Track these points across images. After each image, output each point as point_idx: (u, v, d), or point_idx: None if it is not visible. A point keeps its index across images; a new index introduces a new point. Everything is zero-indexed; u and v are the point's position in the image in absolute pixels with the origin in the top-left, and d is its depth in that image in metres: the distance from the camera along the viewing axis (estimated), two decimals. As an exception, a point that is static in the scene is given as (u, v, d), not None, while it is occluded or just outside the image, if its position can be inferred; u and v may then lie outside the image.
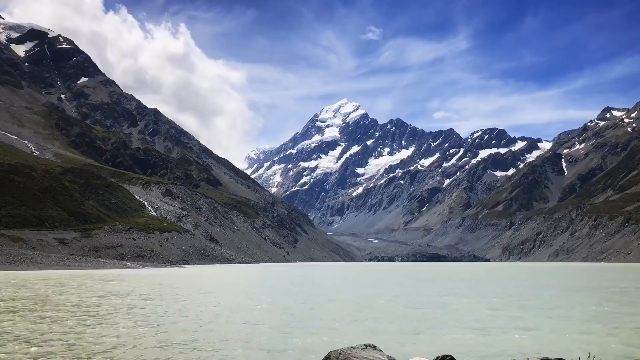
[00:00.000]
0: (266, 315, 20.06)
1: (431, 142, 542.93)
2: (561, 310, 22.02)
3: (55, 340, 14.16)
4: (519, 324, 17.48)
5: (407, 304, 25.15)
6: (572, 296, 29.85)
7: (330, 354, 8.81)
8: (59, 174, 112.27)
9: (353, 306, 24.07)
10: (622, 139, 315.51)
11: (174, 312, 20.80)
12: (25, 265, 64.67)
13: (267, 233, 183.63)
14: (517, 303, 25.26)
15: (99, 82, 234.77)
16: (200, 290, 33.80)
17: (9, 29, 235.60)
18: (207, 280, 49.09)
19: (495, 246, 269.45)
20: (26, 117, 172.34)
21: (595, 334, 15.69)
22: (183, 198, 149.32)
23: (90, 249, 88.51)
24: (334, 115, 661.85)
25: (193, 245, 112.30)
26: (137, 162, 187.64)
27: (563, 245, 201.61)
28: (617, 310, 21.83)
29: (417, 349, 12.99)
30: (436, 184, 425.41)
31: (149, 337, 14.93)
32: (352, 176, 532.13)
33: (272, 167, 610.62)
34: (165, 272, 67.59)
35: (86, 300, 24.84)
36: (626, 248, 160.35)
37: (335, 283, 46.86)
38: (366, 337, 14.54)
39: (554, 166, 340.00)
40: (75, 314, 19.75)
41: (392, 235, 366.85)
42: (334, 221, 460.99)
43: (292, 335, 15.27)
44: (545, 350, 12.60)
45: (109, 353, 12.69)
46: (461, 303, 25.31)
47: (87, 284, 38.74)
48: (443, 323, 17.86)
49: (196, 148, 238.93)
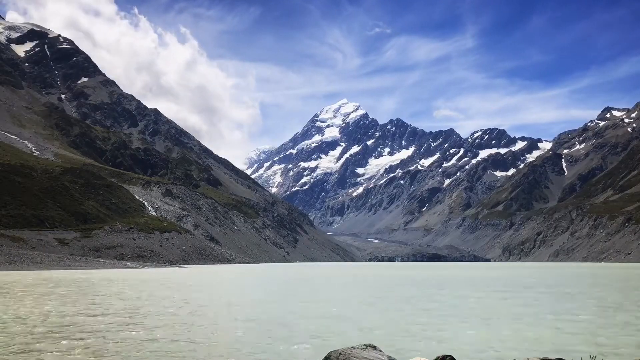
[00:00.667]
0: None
1: (431, 142, 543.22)
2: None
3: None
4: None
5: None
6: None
7: (331, 354, 8.81)
8: (59, 174, 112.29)
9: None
10: (622, 139, 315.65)
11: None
12: (26, 266, 64.64)
13: (267, 233, 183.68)
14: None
15: (99, 82, 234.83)
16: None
17: (9, 29, 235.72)
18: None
19: (495, 246, 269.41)
20: (26, 117, 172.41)
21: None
22: (183, 198, 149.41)
23: (91, 249, 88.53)
24: (334, 116, 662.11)
25: (193, 245, 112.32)
26: (137, 162, 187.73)
27: (563, 245, 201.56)
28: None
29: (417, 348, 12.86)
30: (436, 184, 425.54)
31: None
32: (352, 176, 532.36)
33: (272, 167, 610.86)
34: (187, 271, 67.61)
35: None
36: (626, 248, 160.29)
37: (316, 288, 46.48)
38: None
39: (554, 166, 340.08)
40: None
41: (392, 235, 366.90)
42: (334, 221, 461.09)
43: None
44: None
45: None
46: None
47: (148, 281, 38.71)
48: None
49: (196, 148, 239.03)
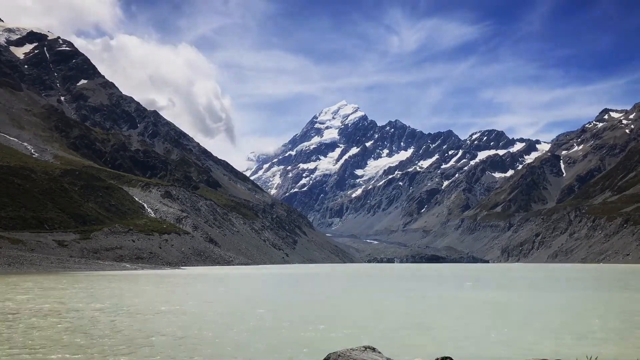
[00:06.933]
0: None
1: (430, 143, 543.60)
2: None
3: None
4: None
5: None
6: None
7: (330, 356, 9.01)
8: (58, 175, 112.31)
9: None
10: (621, 140, 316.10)
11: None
12: (25, 267, 64.70)
13: (266, 235, 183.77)
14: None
15: (99, 84, 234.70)
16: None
17: (8, 32, 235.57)
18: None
19: (494, 247, 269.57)
20: (26, 119, 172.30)
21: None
22: (182, 200, 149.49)
23: (90, 251, 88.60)
24: (333, 117, 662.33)
25: (192, 247, 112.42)
26: (137, 164, 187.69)
27: (562, 246, 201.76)
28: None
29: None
30: (435, 186, 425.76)
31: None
32: (351, 178, 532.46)
33: (271, 169, 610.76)
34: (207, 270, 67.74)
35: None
36: (625, 249, 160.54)
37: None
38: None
39: (552, 167, 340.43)
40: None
41: (391, 236, 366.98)
42: (333, 223, 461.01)
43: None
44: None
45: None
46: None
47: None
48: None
49: (195, 150, 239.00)
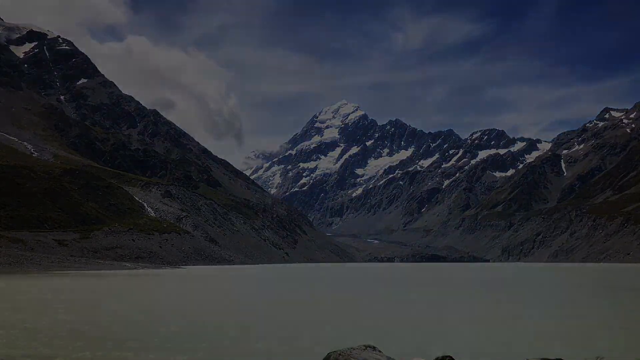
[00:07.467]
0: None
1: (430, 143, 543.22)
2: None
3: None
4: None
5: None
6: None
7: (330, 355, 8.82)
8: (58, 175, 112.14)
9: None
10: (621, 140, 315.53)
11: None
12: (25, 267, 64.55)
13: (266, 234, 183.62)
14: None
15: (98, 84, 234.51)
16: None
17: (8, 30, 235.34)
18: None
19: (494, 247, 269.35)
20: (25, 118, 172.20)
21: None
22: (182, 199, 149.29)
23: (90, 250, 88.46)
24: (333, 116, 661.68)
25: (192, 246, 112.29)
26: (137, 163, 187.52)
27: (562, 245, 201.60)
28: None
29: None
30: (435, 185, 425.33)
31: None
32: (352, 177, 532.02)
33: (271, 168, 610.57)
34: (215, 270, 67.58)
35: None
36: (625, 248, 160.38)
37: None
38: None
39: (553, 167, 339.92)
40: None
41: (392, 236, 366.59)
42: (334, 222, 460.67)
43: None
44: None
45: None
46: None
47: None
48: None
49: (195, 149, 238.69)
